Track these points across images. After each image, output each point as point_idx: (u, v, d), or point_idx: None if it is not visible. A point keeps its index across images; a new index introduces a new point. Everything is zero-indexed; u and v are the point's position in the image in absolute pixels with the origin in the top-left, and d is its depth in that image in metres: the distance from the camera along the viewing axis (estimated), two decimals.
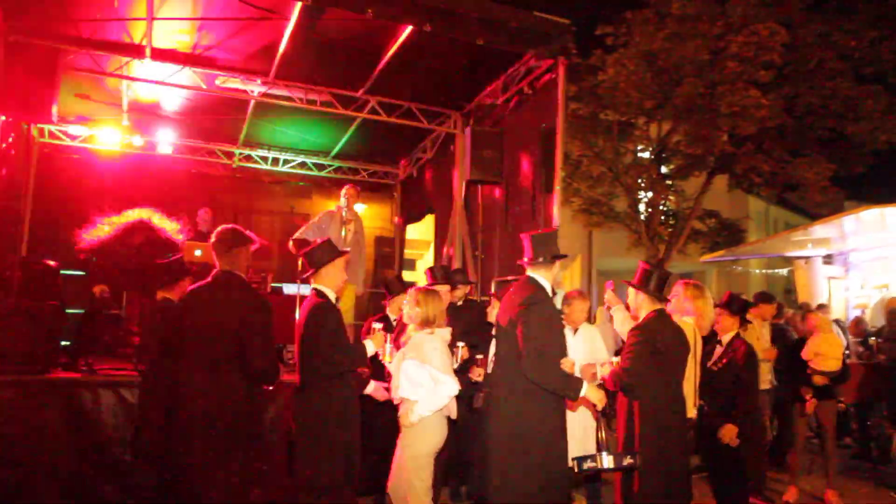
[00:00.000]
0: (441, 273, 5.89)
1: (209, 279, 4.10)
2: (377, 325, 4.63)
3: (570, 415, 5.24)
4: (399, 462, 4.38)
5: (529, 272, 4.16)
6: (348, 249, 6.13)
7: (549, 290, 4.10)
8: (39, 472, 5.34)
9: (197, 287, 4.15)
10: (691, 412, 4.49)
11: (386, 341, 4.52)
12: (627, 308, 4.57)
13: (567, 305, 5.68)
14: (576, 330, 5.61)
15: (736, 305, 5.22)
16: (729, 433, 4.78)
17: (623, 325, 4.55)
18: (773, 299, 7.53)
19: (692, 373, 4.55)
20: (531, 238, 4.16)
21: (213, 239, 4.16)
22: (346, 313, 7.39)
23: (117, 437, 5.62)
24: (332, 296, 4.37)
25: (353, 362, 4.25)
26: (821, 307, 9.96)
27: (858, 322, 10.09)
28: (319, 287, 4.36)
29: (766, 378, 6.98)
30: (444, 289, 5.57)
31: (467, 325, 5.58)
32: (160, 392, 4.74)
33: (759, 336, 6.85)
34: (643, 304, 4.34)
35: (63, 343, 7.05)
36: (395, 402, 4.46)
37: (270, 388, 4.87)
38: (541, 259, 4.09)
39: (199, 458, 3.83)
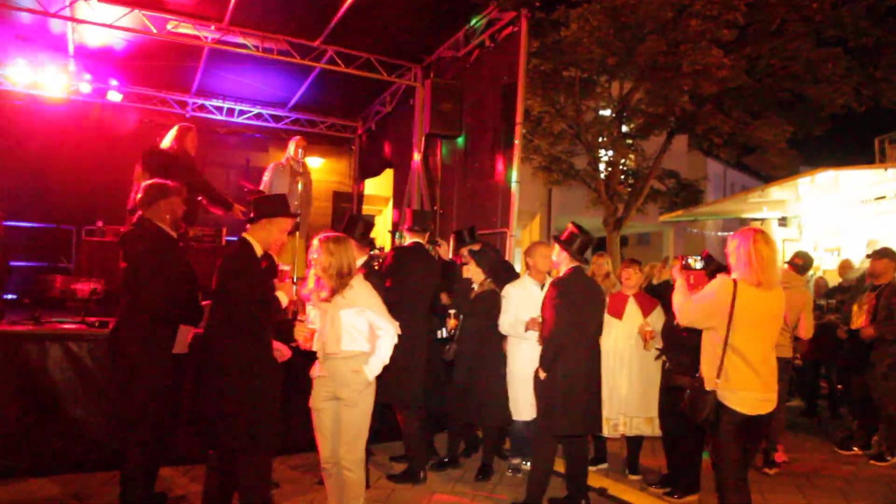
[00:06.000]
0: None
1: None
2: (286, 268, 4.54)
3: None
4: (344, 424, 4.04)
5: None
6: (298, 213, 5.97)
7: None
8: None
9: None
10: None
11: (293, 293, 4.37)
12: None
13: (530, 256, 5.43)
14: (542, 284, 5.38)
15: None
16: None
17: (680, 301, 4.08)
18: None
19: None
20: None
21: (138, 194, 4.41)
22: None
23: (66, 391, 5.44)
24: (258, 251, 3.99)
25: (269, 317, 3.95)
26: None
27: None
28: (248, 238, 3.98)
29: None
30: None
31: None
32: None
33: None
34: (564, 260, 4.81)
35: (8, 297, 6.82)
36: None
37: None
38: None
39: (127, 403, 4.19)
